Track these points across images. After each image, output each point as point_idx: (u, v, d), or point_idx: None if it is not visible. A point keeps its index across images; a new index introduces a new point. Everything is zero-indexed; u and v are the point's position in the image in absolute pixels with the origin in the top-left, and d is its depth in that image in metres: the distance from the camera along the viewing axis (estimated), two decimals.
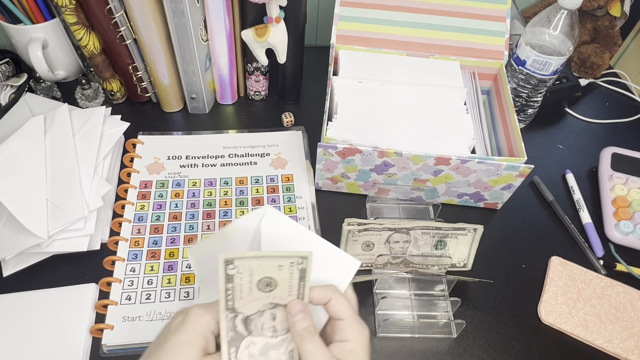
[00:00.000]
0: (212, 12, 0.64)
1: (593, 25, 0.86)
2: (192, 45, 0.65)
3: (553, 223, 0.67)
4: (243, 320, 0.35)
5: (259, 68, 0.73)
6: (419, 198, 0.65)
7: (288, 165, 0.69)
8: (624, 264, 0.62)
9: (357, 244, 0.56)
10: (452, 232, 0.55)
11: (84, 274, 0.57)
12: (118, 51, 0.67)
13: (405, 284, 0.58)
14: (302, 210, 0.64)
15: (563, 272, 0.60)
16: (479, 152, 0.65)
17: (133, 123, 0.67)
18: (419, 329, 0.55)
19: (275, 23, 0.63)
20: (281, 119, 0.75)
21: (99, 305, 0.53)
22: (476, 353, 0.54)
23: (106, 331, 0.52)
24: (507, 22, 0.70)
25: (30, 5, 0.67)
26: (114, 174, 0.65)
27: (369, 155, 0.59)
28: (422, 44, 0.70)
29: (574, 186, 0.70)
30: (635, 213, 0.66)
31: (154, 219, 0.62)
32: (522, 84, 0.70)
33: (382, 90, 0.66)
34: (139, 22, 0.62)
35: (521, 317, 0.57)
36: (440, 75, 0.69)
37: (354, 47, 0.71)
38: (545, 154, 0.75)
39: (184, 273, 0.57)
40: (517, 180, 0.60)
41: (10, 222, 0.55)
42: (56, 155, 0.60)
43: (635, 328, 0.56)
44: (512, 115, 0.63)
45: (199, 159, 0.69)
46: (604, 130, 0.80)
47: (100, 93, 0.75)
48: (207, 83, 0.73)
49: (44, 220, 0.55)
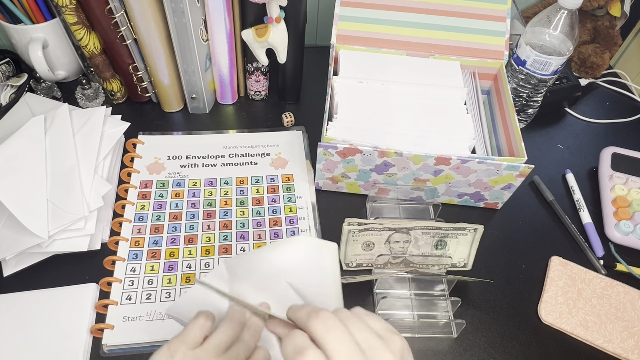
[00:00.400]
0: (213, 12, 0.64)
1: (593, 25, 0.86)
2: (193, 45, 0.65)
3: (553, 223, 0.67)
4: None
5: (259, 68, 0.73)
6: (419, 198, 0.65)
7: (288, 165, 0.69)
8: (624, 264, 0.62)
9: (357, 244, 0.56)
10: (453, 232, 0.55)
11: (84, 273, 0.57)
12: (118, 51, 0.67)
13: (406, 284, 0.58)
14: (302, 210, 0.64)
15: (563, 272, 0.60)
16: (479, 152, 0.65)
17: (133, 123, 0.67)
18: (419, 329, 0.55)
19: (275, 23, 0.63)
20: (281, 119, 0.75)
21: (99, 305, 0.53)
22: (476, 353, 0.54)
23: (106, 331, 0.52)
24: (507, 22, 0.70)
25: (30, 5, 0.67)
26: (114, 173, 0.65)
27: (369, 155, 0.59)
28: (422, 44, 0.70)
29: (574, 186, 0.70)
30: (635, 213, 0.66)
31: (154, 219, 0.62)
32: (522, 84, 0.70)
33: (382, 90, 0.66)
34: (139, 22, 0.62)
35: (521, 317, 0.57)
36: (441, 75, 0.69)
37: (354, 47, 0.71)
38: (545, 154, 0.75)
39: (184, 273, 0.57)
40: (517, 180, 0.60)
41: (11, 222, 0.55)
42: (56, 155, 0.60)
43: (635, 328, 0.56)
44: (512, 115, 0.63)
45: (199, 159, 0.69)
46: (604, 130, 0.80)
47: (101, 93, 0.75)
48: (207, 83, 0.73)
49: (44, 220, 0.55)
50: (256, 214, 0.63)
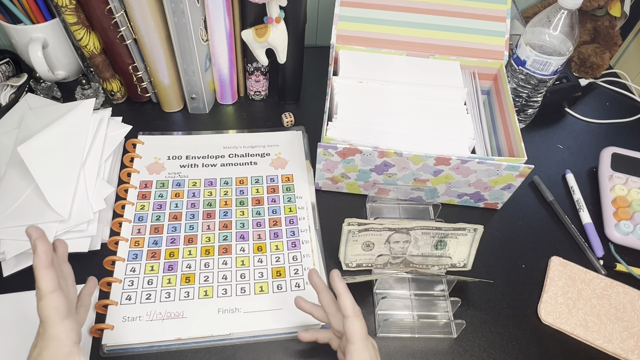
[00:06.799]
0: (212, 12, 0.64)
1: (593, 25, 0.86)
2: (192, 45, 0.65)
3: (553, 223, 0.67)
4: None
5: (259, 68, 0.73)
6: (419, 198, 0.65)
7: (288, 165, 0.69)
8: (624, 264, 0.62)
9: (357, 244, 0.56)
10: (452, 232, 0.55)
11: (84, 273, 0.56)
12: (118, 51, 0.67)
13: (405, 284, 0.58)
14: (302, 210, 0.64)
15: (563, 272, 0.60)
16: (479, 152, 0.65)
17: (133, 123, 0.68)
18: (419, 329, 0.55)
19: (275, 23, 0.63)
20: (281, 119, 0.75)
21: (99, 305, 0.53)
22: (476, 353, 0.54)
23: (106, 331, 0.52)
24: (507, 22, 0.70)
25: (30, 5, 0.67)
26: (115, 174, 0.65)
27: (369, 155, 0.59)
28: (422, 44, 0.70)
29: (574, 186, 0.70)
30: (635, 213, 0.66)
31: (154, 219, 0.62)
32: (522, 84, 0.70)
33: (382, 90, 0.66)
34: (139, 22, 0.62)
35: (521, 317, 0.57)
36: (440, 75, 0.69)
37: (354, 47, 0.71)
38: (545, 154, 0.75)
39: (184, 273, 0.57)
40: (517, 180, 0.60)
41: (34, 195, 0.57)
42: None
43: (635, 328, 0.56)
44: (512, 115, 0.63)
45: (199, 159, 0.69)
46: (604, 130, 0.80)
47: (101, 93, 0.75)
48: (207, 83, 0.73)
49: (69, 201, 0.56)
50: (256, 214, 0.63)
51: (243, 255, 0.59)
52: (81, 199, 0.58)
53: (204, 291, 0.56)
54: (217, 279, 0.57)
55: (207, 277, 0.57)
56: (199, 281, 0.56)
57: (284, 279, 0.57)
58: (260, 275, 0.57)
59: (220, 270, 0.57)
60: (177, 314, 0.54)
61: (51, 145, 0.59)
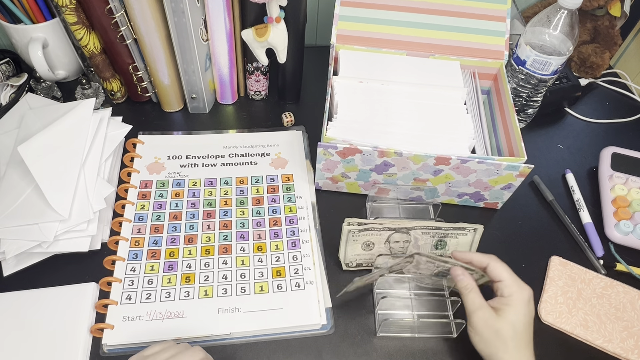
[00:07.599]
0: (212, 11, 0.64)
1: (593, 25, 0.86)
2: (192, 45, 0.65)
3: (553, 223, 0.67)
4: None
5: (259, 68, 0.73)
6: (419, 198, 0.65)
7: (288, 165, 0.69)
8: (624, 263, 0.62)
9: (357, 244, 0.56)
10: (452, 232, 0.56)
11: (84, 273, 0.57)
12: (118, 51, 0.67)
13: (405, 283, 0.58)
14: (302, 210, 0.64)
15: (563, 271, 0.61)
16: (479, 152, 0.65)
17: (133, 123, 0.67)
18: (419, 329, 0.55)
19: (275, 23, 0.63)
20: (281, 118, 0.75)
21: (99, 304, 0.54)
22: (476, 353, 0.54)
23: (106, 331, 0.52)
24: (507, 22, 0.70)
25: (30, 5, 0.67)
26: (115, 174, 0.65)
27: (369, 155, 0.59)
28: (422, 44, 0.70)
29: (574, 186, 0.70)
30: (635, 213, 0.66)
31: (154, 219, 0.62)
32: (522, 83, 0.70)
33: (382, 90, 0.66)
34: (139, 21, 0.62)
35: None
36: (440, 75, 0.69)
37: (354, 47, 0.71)
38: (545, 153, 0.75)
39: (184, 273, 0.57)
40: (517, 180, 0.60)
41: (34, 194, 0.57)
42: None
43: (635, 328, 0.56)
44: (512, 115, 0.63)
45: (199, 159, 0.69)
46: (604, 130, 0.80)
47: (101, 93, 0.75)
48: (207, 83, 0.73)
49: (69, 200, 0.56)
50: (256, 213, 0.63)
51: (243, 255, 0.59)
52: (81, 199, 0.58)
53: (204, 291, 0.56)
54: (217, 279, 0.57)
55: (207, 276, 0.57)
56: (199, 281, 0.56)
57: (284, 278, 0.57)
58: (260, 274, 0.57)
59: (220, 270, 0.57)
60: (177, 313, 0.54)
61: (51, 145, 0.59)
